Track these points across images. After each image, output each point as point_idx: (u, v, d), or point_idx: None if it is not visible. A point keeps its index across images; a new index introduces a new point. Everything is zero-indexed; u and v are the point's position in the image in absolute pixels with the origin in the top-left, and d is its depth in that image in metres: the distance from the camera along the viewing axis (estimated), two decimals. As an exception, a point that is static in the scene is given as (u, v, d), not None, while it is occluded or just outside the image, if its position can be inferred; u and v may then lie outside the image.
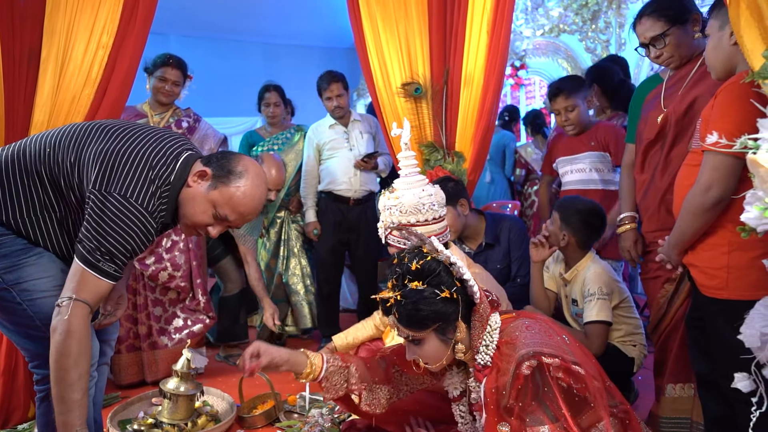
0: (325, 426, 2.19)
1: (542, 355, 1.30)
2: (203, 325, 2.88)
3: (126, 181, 1.42)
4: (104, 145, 1.46)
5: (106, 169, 1.42)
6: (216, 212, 1.51)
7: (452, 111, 2.68)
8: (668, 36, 1.93)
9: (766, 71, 1.04)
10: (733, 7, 1.20)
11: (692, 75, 1.93)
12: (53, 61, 2.16)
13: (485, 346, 1.41)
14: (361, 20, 2.74)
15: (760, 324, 1.15)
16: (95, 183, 1.41)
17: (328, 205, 3.29)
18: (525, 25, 5.79)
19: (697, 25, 1.93)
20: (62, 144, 1.49)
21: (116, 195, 1.40)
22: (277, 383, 2.45)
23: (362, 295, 3.52)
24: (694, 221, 1.51)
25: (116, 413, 2.25)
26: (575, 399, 1.31)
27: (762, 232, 1.06)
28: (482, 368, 1.41)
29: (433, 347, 1.44)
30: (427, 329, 1.41)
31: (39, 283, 1.51)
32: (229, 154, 1.57)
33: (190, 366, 2.15)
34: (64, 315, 1.38)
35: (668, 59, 1.97)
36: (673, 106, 1.94)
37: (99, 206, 1.40)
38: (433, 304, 1.38)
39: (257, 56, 8.12)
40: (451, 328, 1.41)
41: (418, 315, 1.39)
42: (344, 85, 3.25)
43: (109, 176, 1.42)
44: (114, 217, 1.40)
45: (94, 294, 1.42)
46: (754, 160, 1.00)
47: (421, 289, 1.39)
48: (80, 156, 1.47)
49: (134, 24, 2.29)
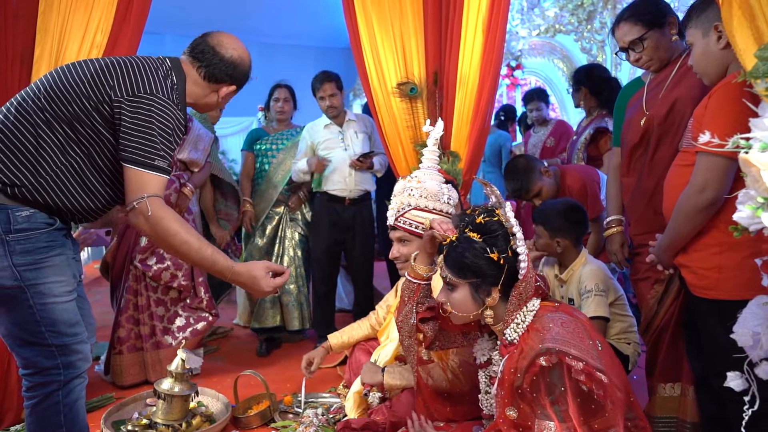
0: (320, 426, 2.19)
1: (567, 356, 1.29)
2: (206, 322, 2.90)
3: (148, 81, 1.52)
4: (106, 61, 1.55)
5: (125, 76, 1.51)
6: None
7: (447, 111, 2.67)
8: (646, 39, 1.96)
9: (758, 71, 1.05)
10: (726, 7, 1.20)
11: (672, 77, 1.96)
12: (46, 60, 2.15)
13: (516, 323, 1.43)
14: (356, 20, 2.74)
15: (752, 323, 1.16)
16: (119, 92, 1.49)
17: (323, 204, 3.29)
18: (521, 25, 5.80)
19: (674, 27, 1.97)
20: (59, 78, 1.52)
21: (146, 95, 1.49)
22: (272, 383, 2.45)
23: (358, 295, 3.52)
24: (687, 222, 1.52)
25: (110, 414, 2.24)
26: (592, 405, 1.30)
27: (754, 232, 1.06)
28: (508, 344, 1.43)
29: (462, 299, 1.48)
30: (463, 279, 1.46)
31: (54, 287, 1.50)
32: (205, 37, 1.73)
33: (185, 366, 2.15)
34: (146, 211, 1.46)
35: (647, 62, 2.00)
36: (655, 108, 1.96)
37: (133, 109, 1.48)
38: (479, 258, 1.43)
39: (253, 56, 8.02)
40: (486, 290, 1.45)
41: (462, 262, 1.45)
42: (338, 84, 3.25)
43: (132, 80, 1.50)
44: (151, 115, 1.48)
45: (158, 188, 1.51)
46: (746, 160, 1.00)
47: (474, 240, 1.45)
48: (88, 78, 1.51)
49: (128, 23, 2.28)
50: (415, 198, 1.90)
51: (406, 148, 2.74)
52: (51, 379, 1.52)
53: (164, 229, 1.49)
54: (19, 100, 1.53)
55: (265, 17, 7.00)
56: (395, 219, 1.92)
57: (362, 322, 2.53)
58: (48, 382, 1.52)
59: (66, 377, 1.54)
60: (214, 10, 6.52)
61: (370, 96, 2.80)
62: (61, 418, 1.55)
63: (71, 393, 1.56)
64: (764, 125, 0.98)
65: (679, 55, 1.98)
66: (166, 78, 1.58)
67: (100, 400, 2.54)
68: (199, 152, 2.98)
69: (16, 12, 2.10)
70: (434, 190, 1.89)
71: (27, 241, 1.47)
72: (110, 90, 1.49)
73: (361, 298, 3.47)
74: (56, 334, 1.51)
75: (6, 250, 1.44)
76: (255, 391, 2.51)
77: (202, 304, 2.90)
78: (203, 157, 3.02)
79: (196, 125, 3.05)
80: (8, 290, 1.46)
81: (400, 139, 2.74)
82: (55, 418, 1.54)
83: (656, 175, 1.94)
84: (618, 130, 2.24)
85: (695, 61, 1.60)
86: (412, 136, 2.73)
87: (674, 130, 1.91)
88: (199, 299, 2.90)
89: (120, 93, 1.49)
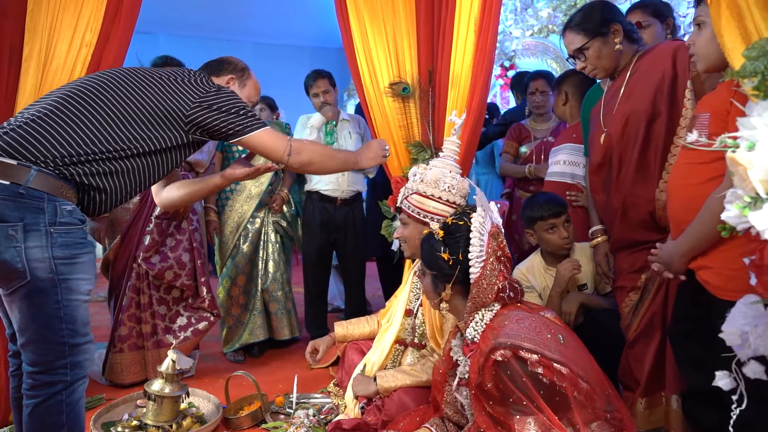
0: (311, 427, 2.18)
1: (520, 349, 1.32)
2: (208, 322, 2.90)
3: (201, 81, 1.76)
4: (161, 71, 1.77)
5: (184, 86, 1.71)
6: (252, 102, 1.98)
7: (440, 110, 2.67)
8: (587, 49, 1.96)
9: (745, 70, 1.05)
10: (714, 6, 1.21)
11: (623, 89, 1.95)
12: (35, 59, 2.13)
13: (475, 322, 1.48)
14: (349, 20, 2.73)
15: (740, 322, 1.15)
16: (190, 101, 1.69)
17: (314, 204, 3.28)
18: (514, 25, 5.81)
19: (618, 36, 1.95)
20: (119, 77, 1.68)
21: (209, 89, 1.73)
22: (264, 384, 2.44)
23: (349, 295, 3.51)
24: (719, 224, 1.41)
25: (100, 415, 2.23)
26: (556, 398, 1.31)
27: (742, 231, 1.06)
28: (470, 343, 1.49)
29: (426, 286, 1.68)
30: (426, 270, 1.65)
31: (82, 284, 1.54)
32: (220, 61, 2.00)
33: (176, 367, 2.13)
34: (301, 148, 1.79)
35: (592, 71, 2.00)
36: (612, 126, 1.96)
37: (209, 104, 1.70)
38: (433, 254, 1.60)
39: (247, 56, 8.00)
40: (441, 285, 1.60)
41: (423, 252, 1.66)
42: (330, 81, 3.25)
43: (192, 86, 1.72)
44: (230, 97, 1.74)
45: (279, 134, 1.80)
46: (733, 159, 1.00)
47: (434, 238, 1.61)
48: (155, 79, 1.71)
49: (119, 22, 2.26)
50: (417, 183, 2.00)
51: (398, 148, 2.74)
52: (58, 379, 1.52)
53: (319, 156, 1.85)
54: (84, 85, 1.64)
55: (258, 17, 6.98)
56: (401, 201, 2.05)
57: (371, 318, 2.53)
58: (55, 382, 1.52)
59: (72, 378, 1.54)
60: (207, 10, 6.50)
61: (363, 96, 2.79)
62: (63, 417, 1.54)
63: (74, 393, 1.56)
64: (751, 124, 0.98)
65: (629, 62, 1.97)
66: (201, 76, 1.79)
67: (91, 401, 2.52)
68: (204, 153, 2.98)
69: (4, 10, 2.07)
70: (436, 177, 1.97)
71: (67, 234, 1.50)
72: (183, 105, 1.68)
73: (353, 298, 3.46)
74: (72, 332, 1.53)
75: (48, 242, 1.46)
76: (246, 391, 2.50)
77: (204, 304, 2.89)
78: (208, 158, 3.02)
79: None
80: (41, 282, 1.46)
81: (393, 139, 2.73)
82: (57, 417, 1.53)
83: (622, 194, 1.94)
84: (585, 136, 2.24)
85: (699, 44, 1.52)
86: (404, 136, 2.73)
87: (632, 145, 1.90)
88: (201, 299, 2.90)
89: (193, 98, 1.69)
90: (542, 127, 3.44)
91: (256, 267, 3.24)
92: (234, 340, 3.17)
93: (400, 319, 2.17)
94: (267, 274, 3.23)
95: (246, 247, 3.19)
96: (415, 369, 2.00)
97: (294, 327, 3.28)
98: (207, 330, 2.93)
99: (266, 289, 3.21)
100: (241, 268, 3.19)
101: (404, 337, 2.16)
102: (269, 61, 7.99)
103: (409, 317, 2.17)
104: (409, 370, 2.00)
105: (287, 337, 3.26)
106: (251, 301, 3.21)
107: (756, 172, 0.97)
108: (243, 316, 3.21)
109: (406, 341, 2.17)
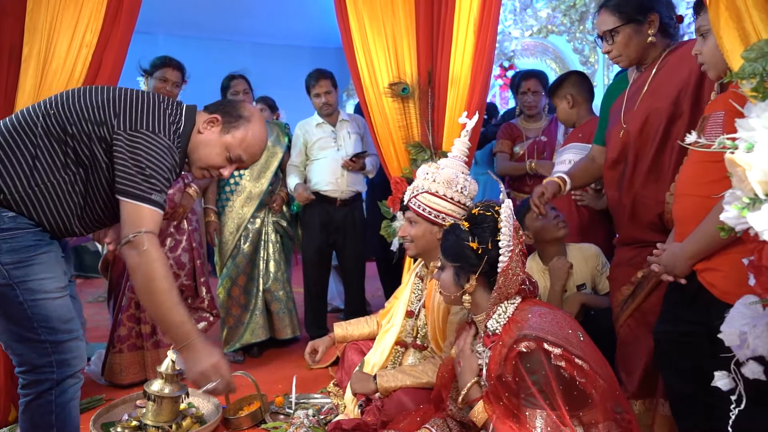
0: (311, 427, 2.18)
1: (545, 342, 1.34)
2: (207, 322, 2.90)
3: (152, 119, 1.53)
4: (118, 91, 1.58)
5: (131, 109, 1.52)
6: (230, 155, 1.67)
7: (439, 111, 2.68)
8: (618, 33, 1.88)
9: (744, 72, 1.05)
10: (713, 8, 1.21)
11: (648, 84, 1.89)
12: (35, 59, 2.13)
13: (498, 314, 1.50)
14: (348, 20, 2.73)
15: (739, 323, 1.16)
16: (122, 124, 1.50)
17: (314, 205, 3.27)
18: (513, 25, 5.81)
19: (653, 27, 1.87)
20: (70, 99, 1.54)
21: (146, 131, 1.50)
22: (263, 384, 2.44)
23: (349, 295, 3.51)
24: None
25: (99, 416, 2.22)
26: (575, 392, 1.33)
27: (740, 232, 1.07)
28: (491, 335, 1.50)
29: (447, 280, 1.62)
30: (449, 261, 1.60)
31: (45, 283, 1.51)
32: (230, 101, 1.77)
33: (175, 368, 2.13)
34: (142, 246, 1.46)
35: (617, 57, 1.93)
36: (632, 122, 1.91)
37: (132, 143, 1.49)
38: (460, 244, 1.57)
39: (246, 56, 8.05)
40: (465, 276, 1.57)
41: (447, 244, 1.62)
42: (333, 82, 3.24)
43: (137, 116, 1.52)
44: (150, 151, 1.49)
45: (155, 224, 1.51)
46: (731, 160, 1.01)
47: (461, 228, 1.59)
48: (95, 103, 1.53)
49: (119, 23, 2.26)
50: (428, 182, 1.98)
51: (398, 148, 2.74)
52: (44, 377, 1.53)
53: (152, 270, 1.48)
54: (24, 113, 1.55)
55: (258, 17, 6.98)
56: (408, 199, 2.01)
57: (370, 319, 2.52)
58: (41, 380, 1.53)
59: (59, 376, 1.54)
60: (207, 10, 6.49)
61: (362, 96, 2.80)
62: (53, 418, 1.55)
63: (64, 393, 1.56)
64: (749, 125, 0.99)
65: (658, 57, 1.90)
66: (173, 122, 1.58)
67: (90, 401, 2.53)
68: None
69: (4, 10, 2.08)
70: (449, 177, 1.96)
71: (13, 240, 1.48)
72: (114, 119, 1.51)
73: (353, 298, 3.46)
74: (50, 330, 1.52)
75: None
76: (246, 392, 2.50)
77: (203, 304, 2.90)
78: None
79: None
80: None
81: (392, 139, 2.74)
82: (46, 417, 1.54)
83: (632, 193, 1.91)
84: (602, 128, 2.18)
85: (706, 52, 1.50)
86: (404, 136, 2.74)
87: (650, 144, 1.86)
88: (200, 299, 2.90)
89: (122, 125, 1.50)
90: (534, 126, 3.36)
91: (257, 267, 3.24)
92: (234, 340, 3.17)
93: (400, 320, 2.17)
94: (268, 274, 3.24)
95: (247, 247, 3.19)
96: (415, 370, 2.00)
97: (295, 326, 3.30)
98: (206, 330, 2.93)
99: (268, 289, 3.22)
100: (241, 268, 3.18)
101: (405, 338, 2.16)
102: (268, 61, 7.99)
103: (410, 318, 2.16)
104: (409, 371, 2.00)
105: (289, 337, 3.27)
106: (252, 301, 3.21)
107: (754, 173, 0.97)
108: (243, 316, 3.21)
109: (407, 343, 2.16)
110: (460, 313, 1.95)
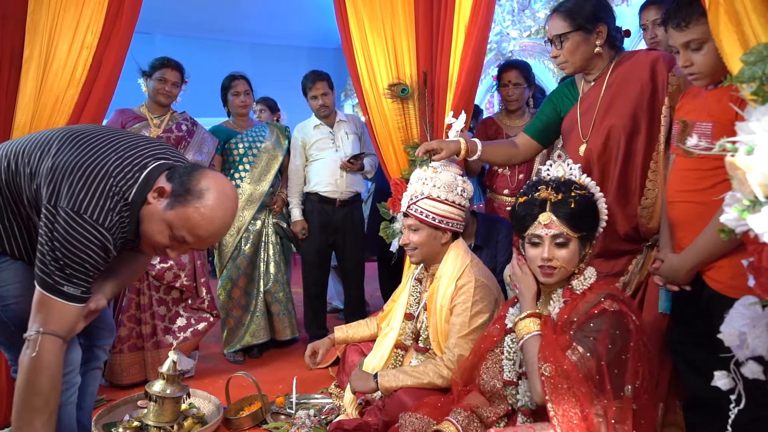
0: (312, 427, 2.19)
1: (628, 309, 1.44)
2: (207, 323, 2.92)
3: (78, 195, 1.32)
4: (62, 156, 1.38)
5: (57, 182, 1.34)
6: (172, 233, 1.40)
7: (438, 112, 2.68)
8: (567, 39, 1.88)
9: (743, 75, 1.06)
10: (712, 12, 1.22)
11: (600, 101, 1.89)
12: (36, 61, 2.13)
13: (584, 278, 1.53)
14: (348, 21, 2.74)
15: (739, 323, 1.17)
16: (47, 197, 1.33)
17: (313, 206, 3.28)
18: (512, 26, 5.82)
19: (601, 38, 1.88)
20: (24, 154, 1.43)
21: (66, 209, 1.31)
22: (264, 385, 2.45)
23: (348, 296, 3.52)
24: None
25: (101, 416, 2.23)
26: (623, 359, 1.40)
27: (740, 234, 1.08)
28: (571, 293, 1.53)
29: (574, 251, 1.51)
30: (579, 231, 1.50)
31: (12, 289, 1.49)
32: (195, 168, 1.45)
33: (176, 368, 2.14)
34: (32, 351, 1.29)
35: (563, 63, 1.93)
36: (592, 140, 1.90)
37: (51, 222, 1.31)
38: (594, 211, 1.54)
39: (244, 56, 8.06)
40: (589, 243, 1.55)
41: (581, 212, 1.50)
42: (329, 84, 3.25)
43: (59, 190, 1.33)
44: (66, 234, 1.30)
45: (63, 322, 1.33)
46: (732, 163, 1.02)
47: (586, 193, 1.53)
48: (37, 169, 1.39)
49: (119, 24, 2.27)
50: (428, 187, 1.96)
51: (397, 149, 2.75)
52: None
53: (33, 382, 1.30)
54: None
55: (256, 18, 6.98)
56: (408, 206, 1.99)
57: (370, 320, 2.52)
58: None
59: None
60: (204, 10, 6.49)
61: (362, 97, 2.80)
62: None
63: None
64: (749, 129, 1.00)
65: (606, 69, 1.90)
66: (123, 190, 1.37)
67: (91, 402, 2.53)
68: (204, 155, 2.99)
69: (4, 12, 2.08)
70: (448, 181, 1.95)
71: None
72: (39, 195, 1.37)
73: (352, 298, 3.47)
74: None
75: None
76: (247, 392, 2.51)
77: (203, 305, 2.92)
78: (208, 159, 3.02)
79: (200, 128, 3.04)
80: None
81: (391, 140, 2.75)
82: None
83: None
84: (538, 121, 2.14)
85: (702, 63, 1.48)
86: (403, 137, 2.74)
87: (613, 161, 1.87)
88: (200, 300, 2.92)
89: (46, 200, 1.33)
90: (516, 123, 3.04)
91: (257, 268, 3.25)
92: (235, 341, 3.18)
93: (399, 323, 2.16)
94: (268, 276, 3.25)
95: (248, 249, 3.20)
96: (417, 370, 2.00)
97: (294, 327, 3.31)
98: (206, 331, 2.95)
99: (268, 291, 3.23)
100: (242, 269, 3.19)
101: (404, 341, 2.17)
102: (266, 61, 7.99)
103: (409, 321, 2.16)
104: (411, 371, 1.99)
105: (288, 338, 3.28)
106: (252, 302, 3.22)
107: (755, 176, 0.98)
108: (244, 317, 3.22)
109: (406, 345, 2.17)
110: (462, 315, 1.95)
